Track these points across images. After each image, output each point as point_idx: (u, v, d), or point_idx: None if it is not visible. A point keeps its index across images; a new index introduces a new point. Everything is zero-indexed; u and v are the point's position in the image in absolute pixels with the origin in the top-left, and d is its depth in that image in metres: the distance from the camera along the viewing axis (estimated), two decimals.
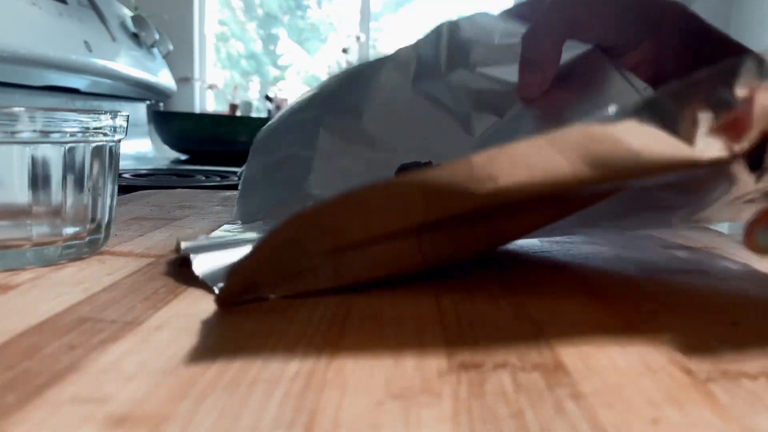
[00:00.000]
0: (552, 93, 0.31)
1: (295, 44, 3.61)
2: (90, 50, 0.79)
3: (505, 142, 0.17)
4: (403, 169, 0.29)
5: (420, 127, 0.32)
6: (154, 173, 0.70)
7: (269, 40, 3.65)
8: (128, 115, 0.28)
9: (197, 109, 3.28)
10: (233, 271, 0.19)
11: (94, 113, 0.25)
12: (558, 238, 0.32)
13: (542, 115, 0.30)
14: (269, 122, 0.36)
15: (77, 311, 0.19)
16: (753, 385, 0.15)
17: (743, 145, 0.18)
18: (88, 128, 0.25)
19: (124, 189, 0.50)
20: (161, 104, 1.17)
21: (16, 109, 0.23)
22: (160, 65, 1.10)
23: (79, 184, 0.25)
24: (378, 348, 0.17)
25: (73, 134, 0.24)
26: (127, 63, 0.92)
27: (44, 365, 0.15)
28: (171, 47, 1.13)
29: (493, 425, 0.13)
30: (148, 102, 1.09)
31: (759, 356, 0.17)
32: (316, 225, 0.19)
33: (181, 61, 3.09)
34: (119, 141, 0.27)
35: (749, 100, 0.17)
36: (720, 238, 0.34)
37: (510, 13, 0.35)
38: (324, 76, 3.49)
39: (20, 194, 0.23)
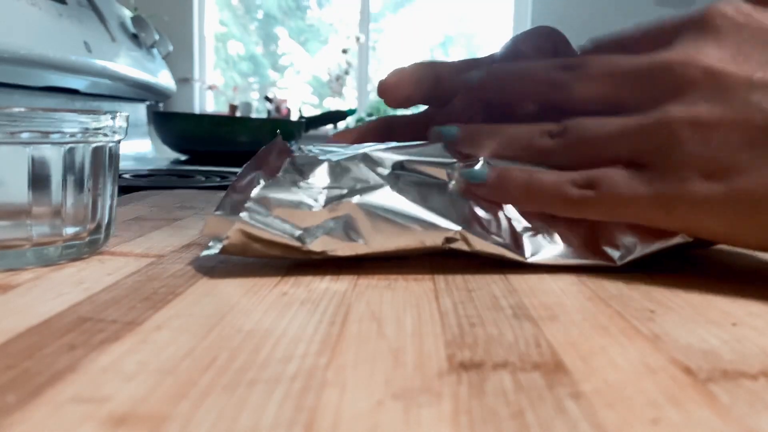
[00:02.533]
0: None
1: (295, 45, 3.62)
2: (90, 51, 0.79)
3: None
4: None
5: None
6: (154, 173, 0.70)
7: (269, 40, 3.65)
8: (128, 116, 0.28)
9: (197, 110, 3.28)
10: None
11: (94, 114, 0.25)
12: None
13: None
14: None
15: (77, 311, 0.19)
16: (753, 385, 0.15)
17: None
18: (88, 129, 0.25)
19: (124, 189, 0.50)
20: (161, 105, 1.17)
21: (16, 109, 0.23)
22: (160, 66, 1.10)
23: (79, 184, 0.25)
24: (378, 348, 0.17)
25: (73, 135, 0.24)
26: (127, 63, 0.92)
27: (44, 365, 0.15)
28: (171, 48, 1.13)
29: (493, 425, 0.13)
30: (147, 103, 1.09)
31: (759, 356, 0.17)
32: None
33: (180, 62, 3.09)
34: (119, 141, 0.27)
35: None
36: None
37: None
38: (324, 77, 3.49)
39: (20, 194, 0.23)
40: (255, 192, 0.24)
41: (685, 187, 0.22)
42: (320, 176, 0.26)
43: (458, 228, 0.25)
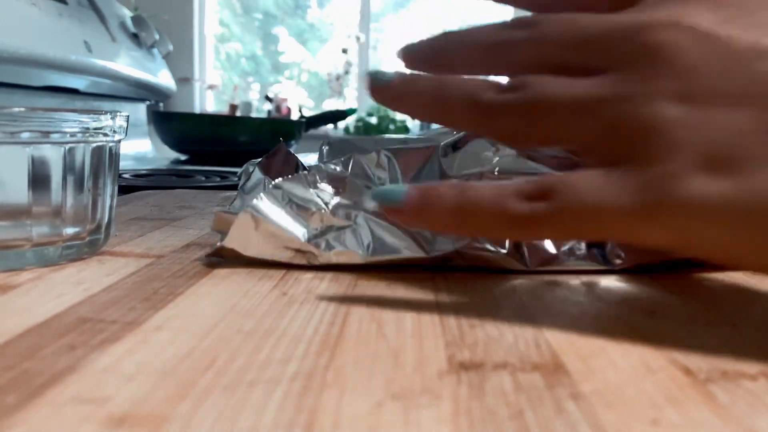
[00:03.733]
0: None
1: (295, 44, 3.62)
2: (90, 50, 0.79)
3: None
4: None
5: None
6: (154, 173, 0.70)
7: (269, 40, 3.65)
8: (128, 116, 0.28)
9: (197, 110, 3.28)
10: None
11: (94, 113, 0.25)
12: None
13: None
14: None
15: (77, 312, 0.19)
16: (753, 386, 0.15)
17: None
18: (88, 128, 0.25)
19: (124, 189, 0.50)
20: (161, 104, 1.17)
21: (16, 109, 0.23)
22: (160, 65, 1.10)
23: (79, 184, 0.25)
24: (378, 348, 0.17)
25: (73, 134, 0.24)
26: (127, 63, 0.92)
27: (44, 365, 0.15)
28: (171, 47, 1.13)
29: (493, 426, 0.13)
30: (148, 102, 1.09)
31: (759, 356, 0.17)
32: None
33: (181, 62, 3.09)
34: (119, 141, 0.27)
35: None
36: None
37: None
38: (324, 77, 3.49)
39: (20, 194, 0.23)
40: (274, 182, 0.26)
41: (675, 186, 0.16)
42: (336, 184, 0.27)
43: (452, 248, 0.25)
